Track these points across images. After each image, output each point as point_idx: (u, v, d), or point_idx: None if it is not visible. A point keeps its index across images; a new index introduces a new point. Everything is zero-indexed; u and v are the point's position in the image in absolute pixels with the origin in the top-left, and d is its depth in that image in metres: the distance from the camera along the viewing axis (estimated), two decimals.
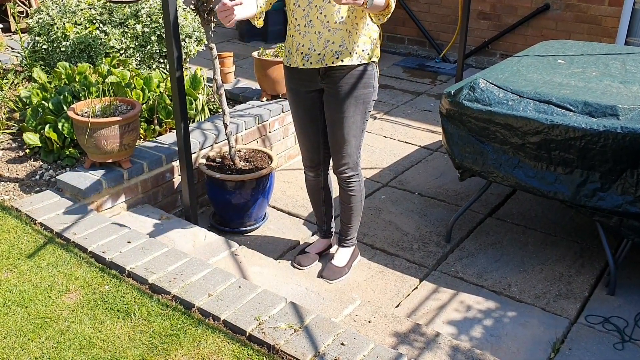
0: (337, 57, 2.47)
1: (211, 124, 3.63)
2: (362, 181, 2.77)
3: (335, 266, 2.90)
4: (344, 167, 2.67)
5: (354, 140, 2.61)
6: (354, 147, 2.63)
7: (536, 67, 3.13)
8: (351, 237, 2.92)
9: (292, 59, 2.58)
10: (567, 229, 3.26)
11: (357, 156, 2.68)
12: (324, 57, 2.48)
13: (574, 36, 5.46)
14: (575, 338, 2.50)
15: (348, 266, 2.92)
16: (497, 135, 2.79)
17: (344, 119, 2.56)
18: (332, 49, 2.46)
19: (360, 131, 2.62)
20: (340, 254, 2.93)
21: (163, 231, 2.94)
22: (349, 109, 2.55)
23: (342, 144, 2.62)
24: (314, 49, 2.48)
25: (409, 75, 5.87)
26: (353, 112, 2.56)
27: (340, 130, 2.59)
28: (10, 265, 2.53)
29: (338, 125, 2.59)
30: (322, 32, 2.45)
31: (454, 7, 6.08)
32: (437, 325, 2.57)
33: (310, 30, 2.46)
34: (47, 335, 2.16)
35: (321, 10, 2.42)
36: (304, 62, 2.53)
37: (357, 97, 2.55)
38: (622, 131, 2.48)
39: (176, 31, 2.69)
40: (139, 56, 4.13)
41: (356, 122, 2.58)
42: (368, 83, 2.55)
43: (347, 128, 2.58)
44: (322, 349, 2.08)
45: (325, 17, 2.42)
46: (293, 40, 2.54)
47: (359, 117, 2.58)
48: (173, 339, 2.15)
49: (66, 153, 3.31)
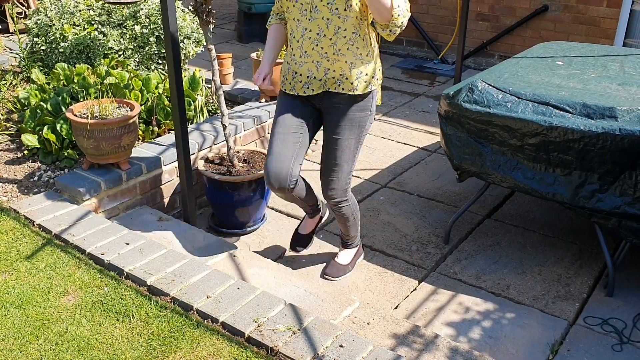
0: (339, 85, 2.41)
1: (210, 125, 3.63)
2: (351, 202, 2.70)
3: (339, 264, 2.91)
4: (332, 193, 2.60)
5: (345, 165, 2.54)
6: (344, 173, 2.56)
7: (535, 69, 3.14)
8: (352, 240, 2.92)
9: (288, 86, 2.50)
10: (566, 230, 3.26)
11: (346, 182, 2.59)
12: (325, 83, 2.42)
13: (573, 37, 5.46)
14: (574, 339, 2.50)
15: (352, 264, 2.93)
16: (496, 137, 2.79)
17: (338, 142, 2.50)
18: (334, 77, 2.39)
19: (353, 156, 2.55)
20: (344, 253, 2.95)
21: (162, 233, 2.93)
22: (344, 131, 2.49)
23: (333, 168, 2.55)
24: (314, 76, 2.41)
25: (408, 77, 5.87)
26: (348, 136, 2.49)
27: (333, 153, 2.52)
28: (9, 267, 2.53)
29: (331, 147, 2.53)
30: (321, 61, 2.38)
31: (452, 9, 6.08)
32: (435, 327, 2.57)
33: (307, 60, 2.39)
34: (46, 337, 2.16)
35: (316, 42, 2.35)
36: (304, 90, 2.45)
37: (353, 119, 2.48)
38: (621, 133, 2.48)
39: (175, 32, 2.69)
40: (138, 57, 4.13)
41: (349, 146, 2.51)
42: (366, 107, 2.49)
43: (340, 151, 2.51)
44: (321, 351, 2.07)
45: (322, 49, 2.35)
46: (289, 69, 2.47)
47: (352, 141, 2.51)
48: (171, 340, 2.15)
49: (65, 154, 3.30)
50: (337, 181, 2.57)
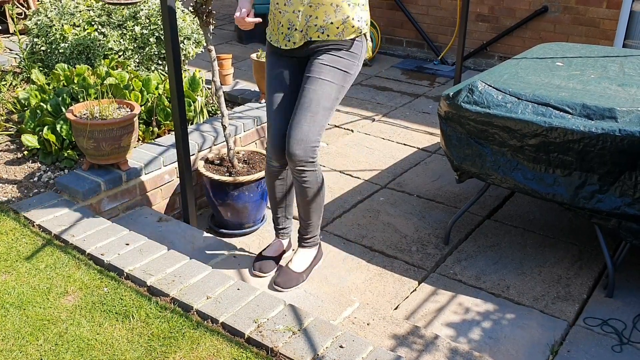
0: (322, 32, 2.26)
1: (210, 125, 3.63)
2: (319, 172, 2.41)
3: (292, 271, 2.60)
4: (296, 148, 2.27)
5: (321, 112, 2.26)
6: (317, 123, 2.26)
7: (534, 70, 3.14)
8: (311, 236, 2.63)
9: (273, 38, 2.41)
10: (566, 231, 3.26)
11: (316, 137, 2.29)
12: (306, 32, 2.27)
13: (572, 38, 5.47)
14: (574, 340, 2.50)
15: (307, 272, 2.65)
16: (496, 138, 2.79)
17: (318, 82, 2.26)
18: (316, 24, 2.24)
19: (331, 106, 2.29)
20: (300, 257, 2.65)
21: (161, 233, 2.93)
22: (327, 73, 2.26)
23: (305, 113, 2.26)
24: (295, 27, 2.28)
25: (408, 77, 5.87)
26: (330, 78, 2.26)
27: (310, 95, 2.26)
28: (9, 267, 2.53)
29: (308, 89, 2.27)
30: (303, 9, 2.23)
31: (452, 10, 6.09)
32: (435, 328, 2.57)
33: (288, 9, 2.27)
34: (45, 338, 2.16)
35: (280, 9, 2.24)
36: (285, 43, 2.34)
37: (338, 61, 2.28)
38: (620, 134, 2.48)
39: (175, 33, 2.69)
40: (138, 58, 4.13)
41: (330, 92, 2.26)
42: (353, 55, 2.31)
43: (319, 94, 2.25)
44: (321, 352, 2.07)
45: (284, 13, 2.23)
46: (274, 19, 2.37)
47: (334, 87, 2.27)
48: (171, 341, 2.15)
49: (65, 155, 3.30)
50: (306, 131, 2.26)
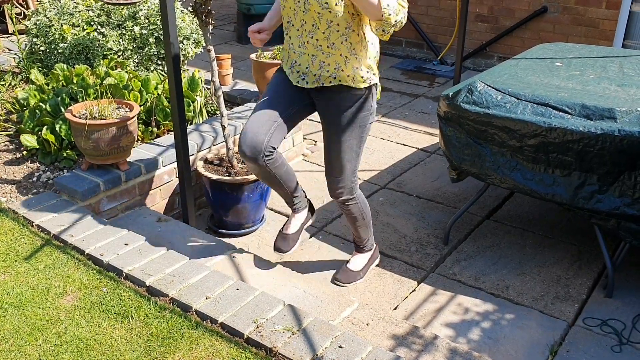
0: (334, 78, 2.37)
1: (209, 125, 3.63)
2: (360, 200, 2.68)
3: (350, 270, 2.87)
4: (339, 192, 2.59)
5: (348, 165, 2.51)
6: (348, 172, 2.54)
7: (534, 70, 3.14)
8: (364, 244, 2.87)
9: (286, 69, 2.48)
10: (565, 231, 3.26)
11: (351, 181, 2.57)
12: (320, 77, 2.38)
13: (572, 39, 5.47)
14: (573, 340, 2.50)
15: (364, 270, 2.88)
16: (495, 138, 2.79)
17: (340, 143, 2.47)
18: (328, 70, 2.36)
19: (356, 155, 2.52)
20: (357, 258, 2.90)
21: (161, 233, 2.93)
22: (345, 132, 2.45)
23: (336, 168, 2.53)
24: (310, 69, 2.38)
25: (407, 78, 5.87)
26: (349, 136, 2.45)
27: (335, 154, 2.49)
28: (7, 268, 2.52)
29: (333, 148, 2.49)
30: (316, 54, 2.35)
31: (451, 10, 6.09)
32: (435, 328, 2.57)
33: (304, 51, 2.36)
34: (44, 338, 2.16)
35: (312, 34, 2.31)
36: (298, 81, 2.43)
37: (353, 120, 2.44)
38: (620, 134, 2.48)
39: (174, 33, 2.69)
40: (137, 58, 4.13)
41: (351, 147, 2.48)
42: (365, 106, 2.44)
43: (342, 152, 2.48)
44: (320, 352, 2.07)
45: (317, 42, 2.32)
46: (289, 57, 2.45)
47: (354, 142, 2.48)
48: (170, 341, 2.14)
49: (64, 155, 3.30)
50: (341, 180, 2.55)
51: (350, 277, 2.85)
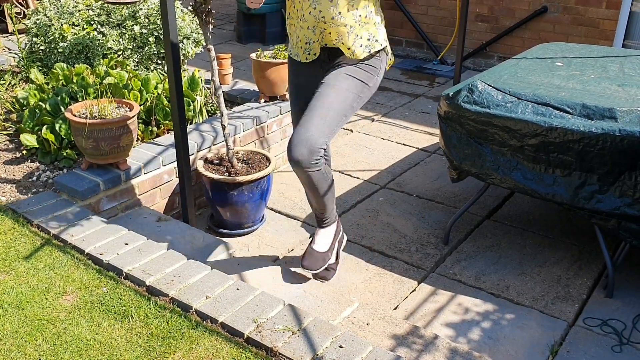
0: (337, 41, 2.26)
1: (209, 125, 3.63)
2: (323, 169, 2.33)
3: (316, 251, 2.59)
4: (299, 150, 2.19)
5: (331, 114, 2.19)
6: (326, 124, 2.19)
7: (534, 70, 3.14)
8: (328, 217, 2.58)
9: (294, 51, 2.43)
10: (565, 231, 3.26)
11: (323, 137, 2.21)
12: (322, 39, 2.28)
13: (572, 39, 5.47)
14: (574, 341, 2.49)
15: (332, 249, 2.62)
16: (496, 138, 2.79)
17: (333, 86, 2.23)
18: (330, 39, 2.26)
19: (343, 113, 2.23)
20: (320, 236, 2.63)
21: (161, 233, 2.93)
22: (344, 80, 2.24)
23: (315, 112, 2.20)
24: (312, 40, 2.30)
25: (407, 78, 5.87)
26: (347, 86, 2.22)
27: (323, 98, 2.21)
28: (7, 267, 2.52)
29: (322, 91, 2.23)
30: (317, 25, 2.24)
31: (451, 10, 6.09)
32: (435, 328, 2.57)
33: (303, 25, 2.28)
34: (44, 338, 2.15)
35: (314, 4, 2.20)
36: (306, 56, 2.35)
37: (357, 72, 2.27)
38: (620, 134, 2.48)
39: (174, 33, 2.69)
40: (137, 57, 4.12)
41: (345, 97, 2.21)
42: (372, 68, 2.31)
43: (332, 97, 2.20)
44: (320, 352, 2.07)
45: (320, 13, 2.20)
46: (292, 34, 2.39)
47: (350, 94, 2.23)
48: (170, 341, 2.14)
49: (63, 154, 3.30)
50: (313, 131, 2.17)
51: (319, 260, 2.59)
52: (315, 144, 2.21)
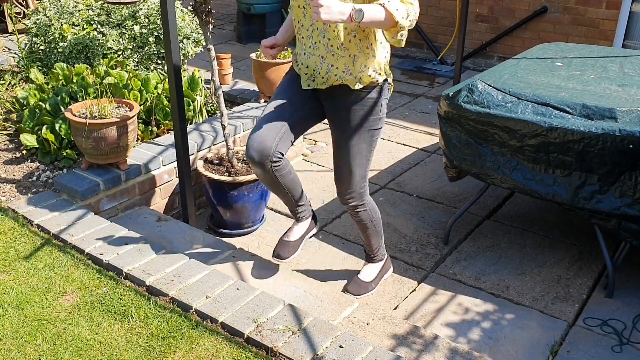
0: (341, 81, 2.32)
1: (209, 125, 3.63)
2: (370, 207, 2.62)
3: (362, 280, 2.80)
4: (348, 198, 2.53)
5: (358, 169, 2.45)
6: (358, 177, 2.48)
7: (534, 70, 3.14)
8: (375, 253, 2.80)
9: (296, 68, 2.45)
10: (565, 231, 3.26)
11: (361, 187, 2.51)
12: (327, 80, 2.35)
13: (572, 39, 5.47)
14: (574, 341, 2.49)
15: (375, 282, 2.82)
16: (496, 138, 2.78)
17: (348, 147, 2.41)
18: (336, 74, 2.31)
19: (366, 160, 2.47)
20: (368, 269, 2.83)
21: (160, 233, 2.93)
22: (354, 136, 2.39)
23: (345, 173, 2.47)
24: (318, 71, 2.35)
25: (407, 78, 5.87)
26: (357, 140, 2.40)
27: (345, 159, 2.44)
28: (7, 267, 2.52)
29: (342, 152, 2.44)
30: (326, 56, 2.30)
31: (451, 10, 6.09)
32: (435, 328, 2.57)
33: (315, 52, 2.32)
34: (44, 337, 2.15)
35: (323, 33, 2.26)
36: (309, 83, 2.39)
37: (362, 124, 2.39)
38: (620, 134, 2.48)
39: (174, 32, 2.69)
40: (137, 57, 4.12)
41: (361, 151, 2.42)
42: (375, 110, 2.39)
43: (351, 157, 2.42)
44: (321, 352, 2.07)
45: (328, 41, 2.26)
46: (299, 58, 2.41)
47: (364, 146, 2.42)
48: (170, 341, 2.14)
49: (63, 154, 3.30)
50: (351, 185, 2.49)
51: (362, 289, 2.78)
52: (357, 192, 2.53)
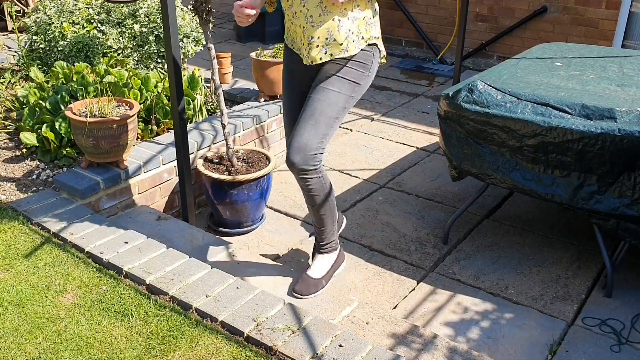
0: (325, 53, 2.19)
1: (209, 124, 3.63)
2: (324, 178, 2.32)
3: (311, 277, 2.55)
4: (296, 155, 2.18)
5: (323, 120, 2.16)
6: (320, 131, 2.17)
7: (534, 70, 3.14)
8: (328, 242, 2.57)
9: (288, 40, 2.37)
10: (565, 231, 3.27)
11: (318, 144, 2.19)
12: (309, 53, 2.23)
13: (571, 39, 5.47)
14: (572, 340, 2.50)
15: (326, 278, 2.59)
16: (495, 138, 2.79)
17: (323, 91, 2.18)
18: (318, 45, 2.18)
19: (336, 116, 2.19)
20: (318, 263, 2.60)
21: (160, 232, 2.93)
22: (334, 83, 2.18)
23: (307, 120, 2.18)
24: (302, 42, 2.25)
25: (407, 77, 5.87)
26: (337, 88, 2.17)
27: (314, 104, 2.17)
28: (7, 265, 2.52)
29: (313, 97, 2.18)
30: (306, 27, 2.17)
31: (451, 9, 6.09)
32: (434, 327, 2.57)
33: (296, 22, 2.22)
34: (44, 336, 2.16)
35: (303, 3, 2.15)
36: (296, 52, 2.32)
37: (347, 72, 2.20)
38: (620, 134, 2.48)
39: (174, 31, 2.69)
40: (137, 56, 4.12)
41: (336, 102, 2.17)
42: (364, 65, 2.23)
43: (323, 103, 2.16)
44: (320, 351, 2.07)
45: (308, 12, 2.14)
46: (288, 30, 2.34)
47: (341, 97, 2.18)
48: (170, 339, 2.14)
49: (63, 153, 3.30)
50: (306, 139, 2.17)
51: (311, 287, 2.52)
52: (310, 149, 2.21)
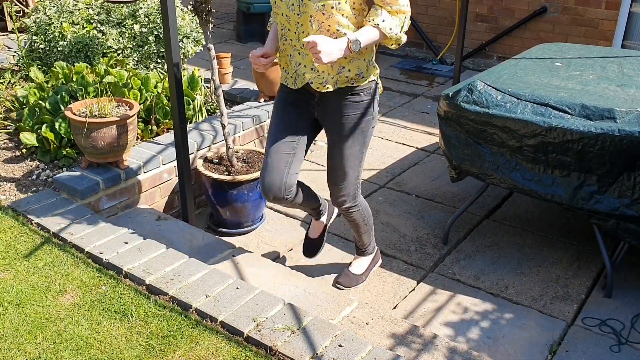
0: (323, 85, 2.31)
1: (209, 124, 3.63)
2: (362, 207, 2.67)
3: (352, 273, 2.86)
4: (341, 200, 2.56)
5: (351, 171, 2.48)
6: (351, 179, 2.51)
7: (534, 70, 3.14)
8: (366, 247, 2.86)
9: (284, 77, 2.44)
10: (564, 231, 3.27)
11: (354, 188, 2.55)
12: (295, 80, 2.36)
13: (571, 39, 5.47)
14: (572, 340, 2.50)
15: (366, 274, 2.88)
16: (495, 138, 2.79)
17: (341, 150, 2.43)
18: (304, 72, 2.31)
19: (359, 162, 2.49)
20: (358, 262, 2.89)
21: (160, 232, 2.93)
22: (347, 139, 2.40)
23: (339, 176, 2.49)
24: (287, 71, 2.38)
25: (406, 77, 5.87)
26: (351, 143, 2.41)
27: (338, 161, 2.46)
28: (7, 266, 2.52)
29: (335, 155, 2.46)
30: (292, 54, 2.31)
31: (451, 10, 6.09)
32: (434, 327, 2.57)
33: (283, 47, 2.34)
34: (44, 336, 2.16)
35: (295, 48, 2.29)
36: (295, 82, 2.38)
37: (355, 126, 2.39)
38: (620, 134, 2.48)
39: (174, 31, 2.69)
40: (137, 56, 4.12)
41: (354, 154, 2.44)
42: (367, 111, 2.40)
43: (345, 159, 2.44)
44: (320, 351, 2.07)
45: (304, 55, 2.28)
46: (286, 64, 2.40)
47: (357, 148, 2.44)
48: (170, 340, 2.14)
49: (63, 153, 3.30)
50: (344, 188, 2.52)
51: (352, 281, 2.84)
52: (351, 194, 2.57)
